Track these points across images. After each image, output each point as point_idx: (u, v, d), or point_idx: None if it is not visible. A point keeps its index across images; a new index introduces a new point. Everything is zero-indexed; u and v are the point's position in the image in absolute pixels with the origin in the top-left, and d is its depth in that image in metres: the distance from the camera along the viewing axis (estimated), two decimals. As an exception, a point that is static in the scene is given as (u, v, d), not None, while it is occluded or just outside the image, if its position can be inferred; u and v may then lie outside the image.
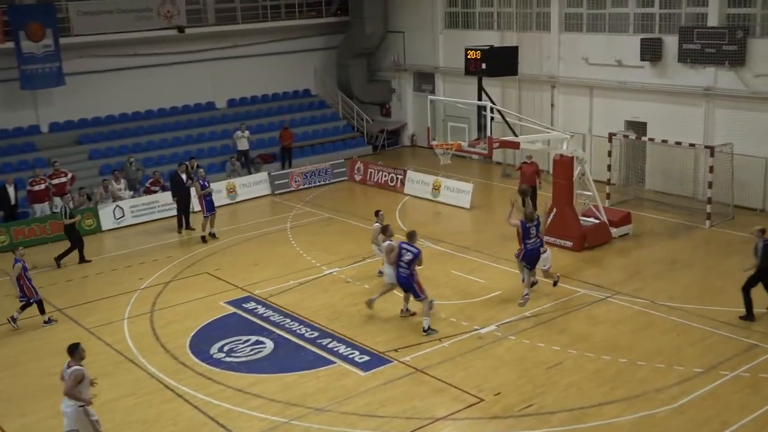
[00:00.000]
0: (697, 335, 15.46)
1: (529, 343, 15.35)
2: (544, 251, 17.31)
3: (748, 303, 15.91)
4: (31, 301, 17.37)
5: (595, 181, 22.04)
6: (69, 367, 11.91)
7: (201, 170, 23.59)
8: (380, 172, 28.47)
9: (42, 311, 17.46)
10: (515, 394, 13.44)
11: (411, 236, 16.28)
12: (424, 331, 15.77)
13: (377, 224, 18.51)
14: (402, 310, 16.80)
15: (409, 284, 16.03)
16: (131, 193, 25.66)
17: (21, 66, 26.66)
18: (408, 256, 15.90)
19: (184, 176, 23.79)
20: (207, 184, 23.04)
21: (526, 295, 17.14)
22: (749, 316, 15.90)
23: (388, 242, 16.59)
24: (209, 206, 22.88)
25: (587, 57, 27.18)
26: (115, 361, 15.44)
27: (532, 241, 16.87)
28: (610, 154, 24.44)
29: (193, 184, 23.93)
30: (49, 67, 27.14)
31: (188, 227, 23.97)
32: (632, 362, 14.45)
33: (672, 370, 14.09)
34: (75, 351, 11.99)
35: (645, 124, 25.65)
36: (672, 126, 24.57)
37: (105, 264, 21.45)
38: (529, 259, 17.03)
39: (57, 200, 24.29)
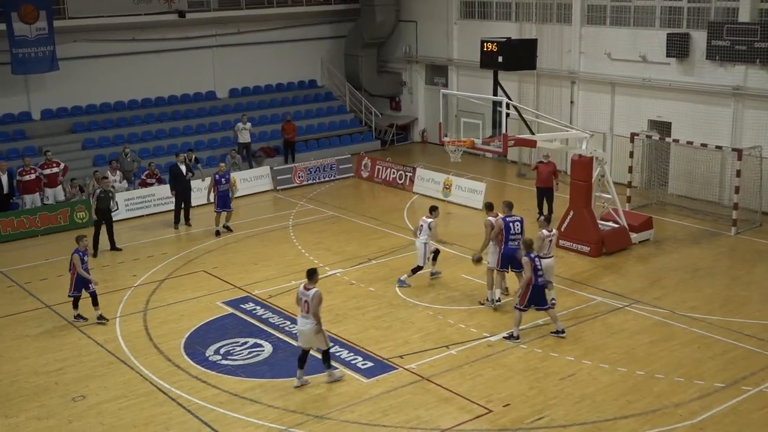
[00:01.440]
0: (720, 348, 15.50)
1: (542, 353, 15.41)
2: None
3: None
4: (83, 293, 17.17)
5: (616, 184, 22.07)
6: (308, 289, 13.83)
7: (222, 165, 23.68)
8: (388, 169, 28.56)
9: (95, 303, 17.23)
10: (525, 406, 13.51)
11: (509, 206, 17.55)
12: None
13: (431, 220, 18.61)
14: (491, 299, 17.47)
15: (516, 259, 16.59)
16: (126, 185, 25.78)
17: (13, 49, 26.80)
18: (518, 227, 16.98)
19: (183, 168, 23.91)
20: (225, 181, 23.07)
21: (498, 301, 17.40)
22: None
23: (488, 218, 17.45)
24: (223, 203, 23.00)
25: (610, 52, 27.21)
26: (105, 361, 15.56)
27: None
28: (631, 155, 24.46)
29: (194, 176, 24.04)
30: (42, 51, 27.28)
31: (187, 222, 24.10)
32: (650, 375, 14.50)
33: (692, 384, 14.14)
34: (314, 274, 13.99)
35: (669, 124, 25.67)
36: (698, 127, 24.58)
37: (96, 259, 21.55)
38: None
39: (48, 191, 24.48)
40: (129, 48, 30.28)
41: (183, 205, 24.17)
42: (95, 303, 17.18)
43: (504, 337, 15.93)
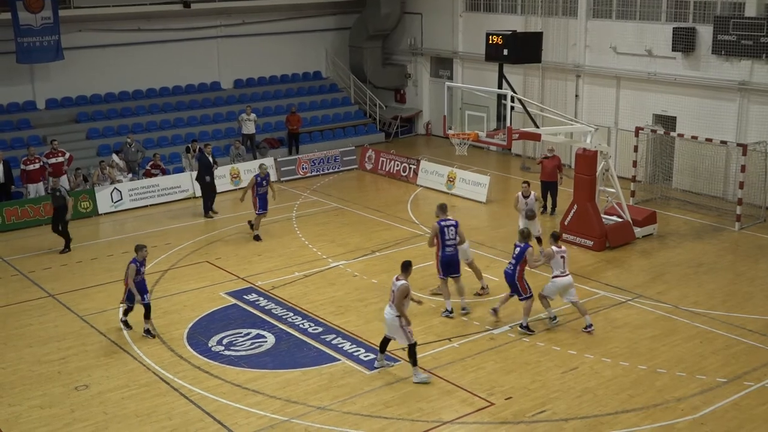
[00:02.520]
0: (722, 343, 15.50)
1: (544, 346, 15.43)
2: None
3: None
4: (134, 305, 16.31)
5: (620, 178, 22.07)
6: (398, 280, 14.02)
7: (263, 165, 22.72)
8: (392, 162, 28.55)
9: (147, 316, 16.27)
10: (527, 399, 13.54)
11: (442, 209, 17.51)
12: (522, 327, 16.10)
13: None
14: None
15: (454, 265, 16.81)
16: (130, 175, 25.82)
17: (18, 38, 26.80)
18: (452, 232, 16.87)
19: (210, 158, 23.96)
20: (265, 183, 22.05)
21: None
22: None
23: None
24: (264, 204, 22.05)
25: (615, 46, 27.16)
26: (108, 351, 15.61)
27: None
28: (636, 149, 24.44)
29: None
30: (48, 41, 27.28)
31: (212, 211, 24.16)
32: (652, 369, 14.51)
33: (694, 379, 14.15)
34: (408, 267, 14.21)
35: (674, 118, 25.63)
36: (703, 121, 24.54)
37: (101, 249, 21.62)
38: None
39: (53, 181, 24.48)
40: (134, 38, 30.29)
41: (210, 194, 24.18)
42: (147, 316, 16.18)
43: (521, 327, 16.05)
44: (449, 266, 16.80)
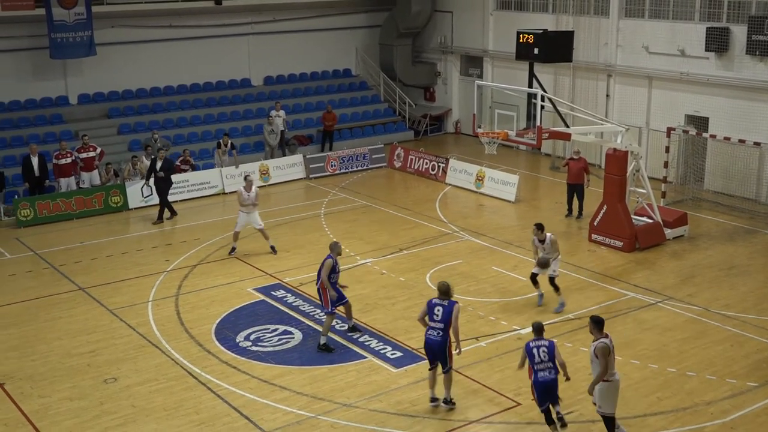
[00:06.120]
0: (753, 347, 15.33)
1: (572, 347, 15.34)
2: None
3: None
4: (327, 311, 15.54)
5: (651, 179, 21.88)
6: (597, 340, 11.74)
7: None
8: (421, 160, 28.52)
9: (349, 316, 15.96)
10: (555, 400, 13.45)
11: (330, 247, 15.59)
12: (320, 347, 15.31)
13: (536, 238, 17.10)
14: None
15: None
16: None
17: (51, 34, 27.10)
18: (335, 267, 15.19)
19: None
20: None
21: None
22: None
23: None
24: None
25: (648, 45, 26.92)
26: (137, 344, 15.74)
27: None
28: (667, 150, 24.21)
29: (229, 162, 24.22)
30: (81, 36, 27.56)
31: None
32: (681, 372, 14.38)
33: (724, 382, 14.01)
34: (601, 323, 11.87)
35: (707, 119, 25.36)
36: (736, 122, 24.27)
37: (131, 244, 21.80)
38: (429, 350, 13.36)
39: (84, 175, 24.74)
40: (165, 34, 30.47)
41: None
42: (349, 315, 15.89)
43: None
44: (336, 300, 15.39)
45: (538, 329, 12.42)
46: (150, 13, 29.69)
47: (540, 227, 17.01)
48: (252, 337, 15.97)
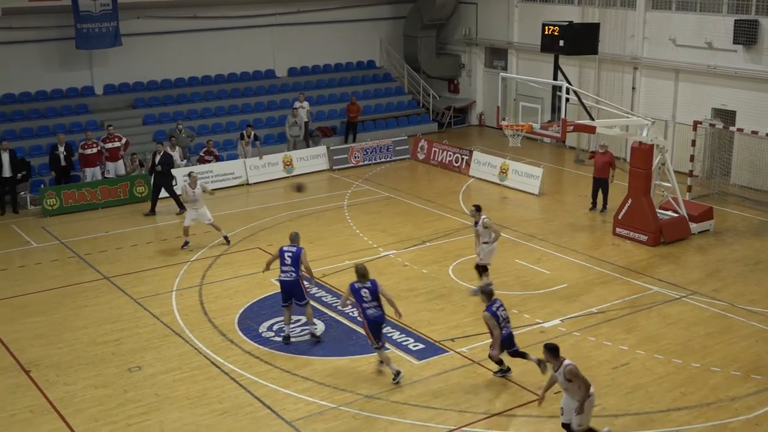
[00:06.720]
0: (779, 343, 15.22)
1: (595, 341, 15.28)
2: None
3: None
4: None
5: (676, 172, 21.70)
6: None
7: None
8: (445, 152, 28.46)
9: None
10: (577, 394, 13.41)
11: (291, 237, 15.87)
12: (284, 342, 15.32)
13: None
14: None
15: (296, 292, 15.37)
16: (184, 161, 26.09)
17: (77, 24, 27.27)
18: (289, 258, 15.31)
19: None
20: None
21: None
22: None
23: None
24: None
25: (675, 38, 26.68)
26: (161, 333, 15.85)
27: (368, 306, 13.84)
28: (693, 143, 24.02)
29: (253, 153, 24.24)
30: (106, 27, 27.71)
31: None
32: (705, 368, 14.29)
33: (749, 378, 13.90)
34: (556, 350, 11.63)
35: (734, 112, 25.13)
36: (764, 116, 24.00)
37: (155, 233, 21.94)
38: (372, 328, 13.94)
39: (109, 165, 24.92)
40: (190, 25, 30.58)
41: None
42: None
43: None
44: (287, 293, 15.28)
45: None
46: (175, 4, 29.80)
47: (477, 208, 16.71)
48: (275, 327, 16.03)
